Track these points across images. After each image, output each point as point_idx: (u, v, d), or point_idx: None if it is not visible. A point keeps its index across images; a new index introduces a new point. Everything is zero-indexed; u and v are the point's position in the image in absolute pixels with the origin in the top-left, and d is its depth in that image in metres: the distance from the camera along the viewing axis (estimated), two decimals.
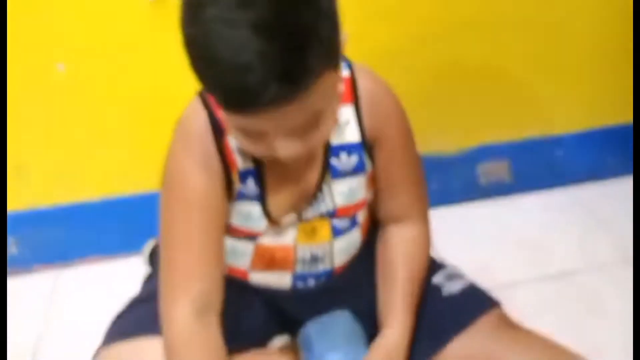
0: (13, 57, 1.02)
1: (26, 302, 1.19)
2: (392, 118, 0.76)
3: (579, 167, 1.40)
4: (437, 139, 1.31)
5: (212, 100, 0.69)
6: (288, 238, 0.78)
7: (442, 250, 1.22)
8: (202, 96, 0.71)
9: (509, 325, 0.78)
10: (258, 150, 0.63)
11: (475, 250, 1.24)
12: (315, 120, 0.59)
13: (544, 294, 1.16)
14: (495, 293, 0.81)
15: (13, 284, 1.21)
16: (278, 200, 0.74)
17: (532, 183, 1.41)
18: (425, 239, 0.83)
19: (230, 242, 0.79)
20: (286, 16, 0.51)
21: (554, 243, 1.27)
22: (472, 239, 1.28)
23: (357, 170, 0.76)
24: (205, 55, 0.53)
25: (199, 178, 0.70)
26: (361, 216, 0.82)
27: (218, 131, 0.69)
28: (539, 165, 1.39)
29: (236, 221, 0.75)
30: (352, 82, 0.72)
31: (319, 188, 0.75)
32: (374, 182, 0.79)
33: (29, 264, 1.25)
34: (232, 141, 0.70)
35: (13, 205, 1.17)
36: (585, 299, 1.14)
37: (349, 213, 0.79)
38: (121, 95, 1.09)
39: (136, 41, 1.04)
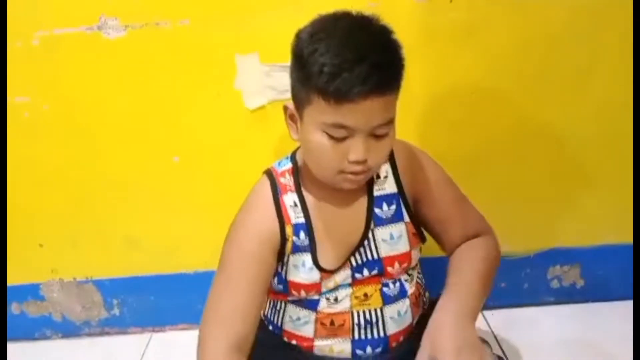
0: (141, 150, 1.22)
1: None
2: (425, 166, 0.91)
3: None
4: (508, 240, 1.32)
5: (275, 172, 0.88)
6: (345, 305, 0.89)
7: (508, 353, 1.21)
8: (267, 171, 0.90)
9: None
10: (335, 156, 0.76)
11: (542, 356, 1.21)
12: (386, 132, 0.76)
13: None
14: None
15: (111, 342, 1.38)
16: (326, 250, 0.87)
17: (607, 291, 1.38)
18: (494, 240, 0.93)
19: (295, 312, 0.90)
20: (388, 41, 0.75)
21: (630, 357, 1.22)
22: (540, 344, 1.24)
23: (397, 218, 0.89)
24: (325, 57, 0.70)
25: (257, 232, 0.84)
26: (410, 287, 0.91)
27: (277, 192, 0.86)
28: (614, 273, 1.36)
29: (293, 275, 0.87)
30: None
31: (364, 236, 0.87)
32: (417, 239, 0.90)
33: (126, 326, 1.40)
34: (287, 200, 0.86)
35: (121, 271, 1.34)
36: None
37: (393, 264, 0.88)
38: (220, 184, 1.25)
39: (237, 140, 1.21)
